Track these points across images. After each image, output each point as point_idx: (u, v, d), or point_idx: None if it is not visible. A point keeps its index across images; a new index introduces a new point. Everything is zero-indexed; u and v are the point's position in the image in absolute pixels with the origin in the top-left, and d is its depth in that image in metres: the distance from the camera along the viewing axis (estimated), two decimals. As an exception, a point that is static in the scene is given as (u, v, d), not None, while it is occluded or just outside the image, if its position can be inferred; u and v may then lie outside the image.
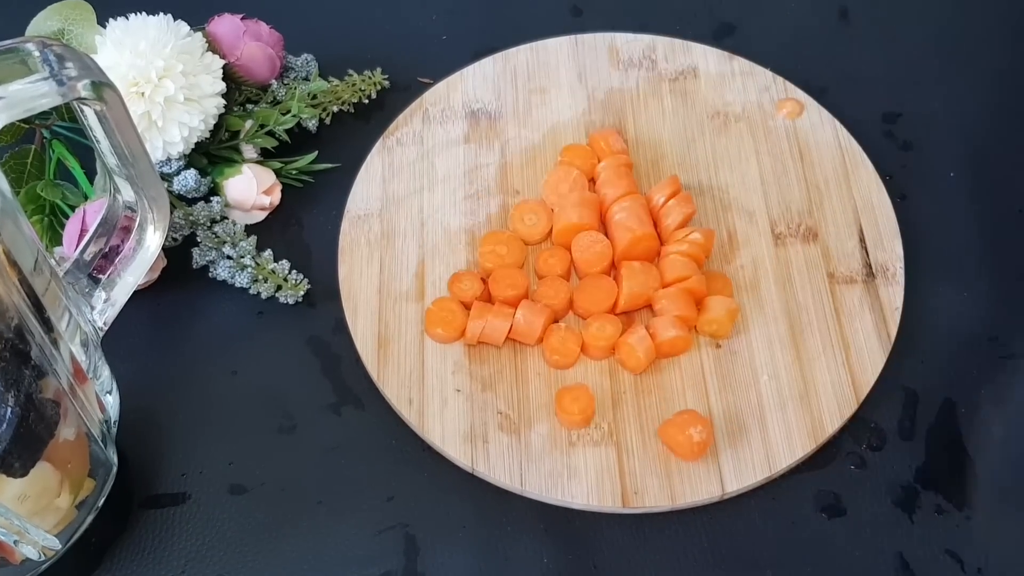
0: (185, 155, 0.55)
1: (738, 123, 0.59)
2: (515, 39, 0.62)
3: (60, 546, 0.44)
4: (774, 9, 0.66)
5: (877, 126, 0.60)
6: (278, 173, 0.57)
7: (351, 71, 0.61)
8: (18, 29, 0.53)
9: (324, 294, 0.54)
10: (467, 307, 0.52)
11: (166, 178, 0.55)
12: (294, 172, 0.58)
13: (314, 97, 0.59)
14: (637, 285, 0.51)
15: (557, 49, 0.62)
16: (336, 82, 0.60)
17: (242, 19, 0.57)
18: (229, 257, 0.54)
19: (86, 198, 0.53)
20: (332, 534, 0.48)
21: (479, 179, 0.57)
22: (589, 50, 0.62)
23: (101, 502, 0.46)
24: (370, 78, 0.61)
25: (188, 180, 0.54)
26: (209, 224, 0.55)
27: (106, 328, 0.45)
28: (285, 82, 0.60)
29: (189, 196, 0.55)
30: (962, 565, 0.46)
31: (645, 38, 0.62)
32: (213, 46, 0.56)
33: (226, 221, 0.55)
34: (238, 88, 0.58)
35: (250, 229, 0.56)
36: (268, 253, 0.54)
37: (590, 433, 0.49)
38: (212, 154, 0.57)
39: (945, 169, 0.58)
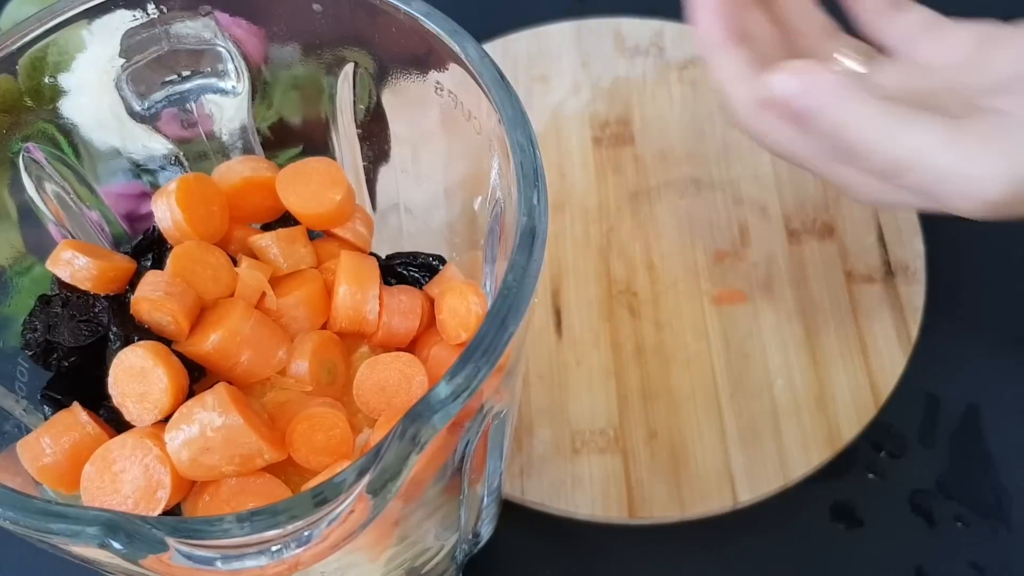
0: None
1: (750, 114, 0.57)
2: (515, 24, 0.60)
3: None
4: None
5: (895, 116, 0.58)
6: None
7: (346, 60, 0.59)
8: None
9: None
10: None
11: (150, 173, 0.53)
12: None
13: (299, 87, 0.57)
14: None
15: (559, 35, 0.60)
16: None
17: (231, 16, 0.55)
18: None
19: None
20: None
21: (479, 173, 0.55)
22: (593, 36, 0.60)
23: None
24: (366, 67, 0.59)
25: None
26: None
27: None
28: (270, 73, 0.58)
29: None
30: (986, 578, 0.45)
31: (653, 23, 0.60)
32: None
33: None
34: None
35: (240, 225, 0.54)
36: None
37: (595, 440, 0.47)
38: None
39: (966, 161, 0.56)
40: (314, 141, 0.40)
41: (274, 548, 0.24)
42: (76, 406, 0.29)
